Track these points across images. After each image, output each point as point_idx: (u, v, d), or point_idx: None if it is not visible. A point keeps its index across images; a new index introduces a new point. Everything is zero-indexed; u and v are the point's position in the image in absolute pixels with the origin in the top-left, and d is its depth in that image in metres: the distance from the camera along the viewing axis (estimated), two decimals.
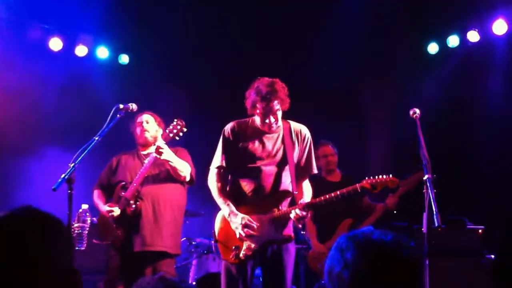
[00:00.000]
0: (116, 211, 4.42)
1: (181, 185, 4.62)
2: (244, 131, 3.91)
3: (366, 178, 3.76)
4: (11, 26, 6.16)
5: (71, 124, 6.41)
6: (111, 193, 4.65)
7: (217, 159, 3.94)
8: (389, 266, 1.49)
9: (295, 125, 3.96)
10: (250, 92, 3.80)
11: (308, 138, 3.95)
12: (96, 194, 4.73)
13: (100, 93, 6.53)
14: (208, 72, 6.88)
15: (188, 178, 4.51)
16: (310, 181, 4.04)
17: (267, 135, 3.87)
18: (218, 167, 3.93)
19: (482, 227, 5.29)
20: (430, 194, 3.01)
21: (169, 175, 4.51)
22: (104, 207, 4.52)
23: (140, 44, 7.05)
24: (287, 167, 3.84)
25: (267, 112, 3.75)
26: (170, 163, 4.39)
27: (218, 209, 3.95)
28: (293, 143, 3.88)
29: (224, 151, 3.92)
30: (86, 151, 3.64)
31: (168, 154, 4.33)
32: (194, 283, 6.00)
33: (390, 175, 3.72)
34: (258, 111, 3.77)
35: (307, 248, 6.54)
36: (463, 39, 6.68)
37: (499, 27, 6.35)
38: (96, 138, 3.75)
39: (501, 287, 5.35)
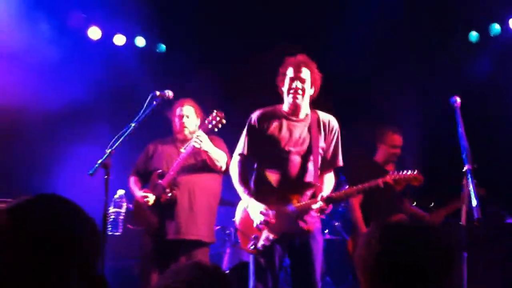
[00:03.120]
0: (151, 198, 4.46)
1: (217, 174, 4.63)
2: (271, 118, 3.86)
3: (390, 173, 3.66)
4: (51, 15, 6.24)
5: (108, 111, 6.48)
6: (147, 180, 4.69)
7: (240, 146, 3.93)
8: (412, 251, 1.45)
9: (323, 116, 3.89)
10: (284, 61, 3.83)
11: (336, 130, 3.88)
12: (132, 180, 4.78)
13: (137, 81, 6.57)
14: (240, 60, 6.85)
15: (224, 168, 4.51)
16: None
17: (294, 123, 3.82)
18: (241, 155, 3.91)
19: None
20: (471, 185, 2.92)
21: (206, 165, 4.52)
22: (139, 193, 4.57)
23: (177, 33, 7.07)
24: (312, 157, 3.78)
25: (295, 78, 3.72)
26: (208, 153, 4.39)
27: None
28: (320, 133, 3.82)
29: (249, 139, 3.90)
30: (122, 137, 3.69)
31: (207, 145, 4.34)
32: (227, 271, 6.02)
33: (415, 171, 3.61)
34: (285, 78, 3.76)
35: (342, 239, 6.49)
36: (505, 27, 6.48)
37: None
38: (133, 124, 3.79)
39: None
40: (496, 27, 6.54)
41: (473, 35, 6.74)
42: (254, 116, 3.92)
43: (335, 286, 6.49)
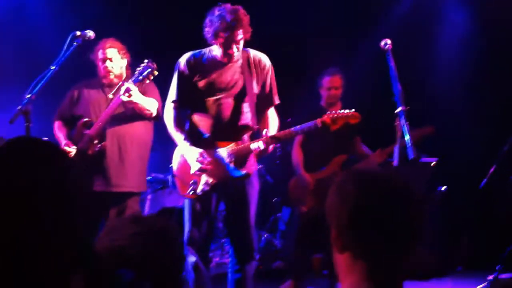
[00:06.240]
0: (72, 151, 4.23)
1: (148, 122, 4.42)
2: (201, 62, 3.72)
3: (328, 112, 3.72)
4: None
5: (17, 55, 6.00)
6: (73, 125, 4.43)
7: (172, 94, 3.77)
8: (389, 201, 1.45)
9: (254, 54, 3.78)
10: (212, 20, 3.57)
11: (268, 67, 3.78)
12: (57, 125, 4.48)
13: (46, 23, 6.10)
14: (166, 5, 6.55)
15: (154, 114, 4.30)
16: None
17: (225, 66, 3.69)
18: (173, 101, 3.77)
19: (435, 159, 5.42)
20: (404, 126, 3.01)
21: (136, 113, 4.28)
22: (63, 142, 4.31)
23: None
24: (246, 99, 3.71)
25: (231, 41, 3.55)
26: (138, 104, 4.17)
27: (173, 143, 3.83)
28: (252, 73, 3.72)
29: (179, 85, 3.74)
30: (43, 81, 3.44)
31: (136, 97, 4.11)
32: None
33: (352, 110, 3.67)
34: (220, 40, 3.57)
35: (264, 181, 6.58)
36: None
37: None
38: (53, 68, 3.52)
39: (451, 219, 5.55)
40: None
41: None
42: (183, 60, 3.75)
43: (257, 228, 6.61)
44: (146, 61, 4.10)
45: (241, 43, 3.62)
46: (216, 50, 3.67)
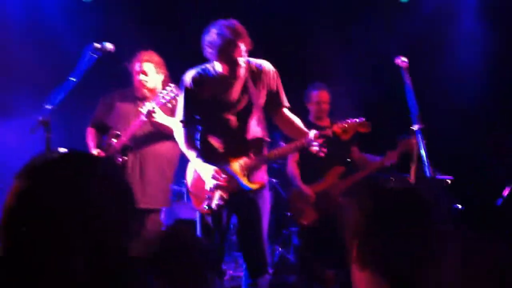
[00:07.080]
0: None
1: (174, 140, 4.48)
2: (207, 79, 3.69)
3: (337, 122, 3.69)
4: None
5: (35, 67, 6.06)
6: (105, 132, 4.46)
7: (180, 113, 3.77)
8: (402, 208, 1.48)
9: (255, 62, 3.75)
10: (212, 41, 3.53)
11: (271, 72, 3.75)
12: (89, 133, 4.51)
13: (63, 33, 6.16)
14: (180, 11, 6.59)
15: None
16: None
17: (229, 82, 3.67)
18: (182, 121, 3.78)
19: (451, 177, 5.37)
20: (421, 145, 3.00)
21: (161, 131, 4.29)
22: (92, 152, 4.35)
23: None
24: (254, 113, 3.72)
25: (236, 56, 3.53)
26: (161, 125, 4.20)
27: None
28: (257, 85, 3.71)
29: (186, 104, 3.74)
30: (63, 92, 3.48)
31: (159, 119, 4.16)
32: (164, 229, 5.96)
33: (362, 118, 3.62)
34: (226, 58, 3.54)
35: (277, 195, 6.57)
36: None
37: None
38: (74, 79, 3.56)
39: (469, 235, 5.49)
40: None
41: None
42: (188, 79, 3.72)
43: (270, 242, 6.60)
44: (171, 85, 4.11)
45: (245, 55, 3.60)
46: (219, 66, 3.65)
